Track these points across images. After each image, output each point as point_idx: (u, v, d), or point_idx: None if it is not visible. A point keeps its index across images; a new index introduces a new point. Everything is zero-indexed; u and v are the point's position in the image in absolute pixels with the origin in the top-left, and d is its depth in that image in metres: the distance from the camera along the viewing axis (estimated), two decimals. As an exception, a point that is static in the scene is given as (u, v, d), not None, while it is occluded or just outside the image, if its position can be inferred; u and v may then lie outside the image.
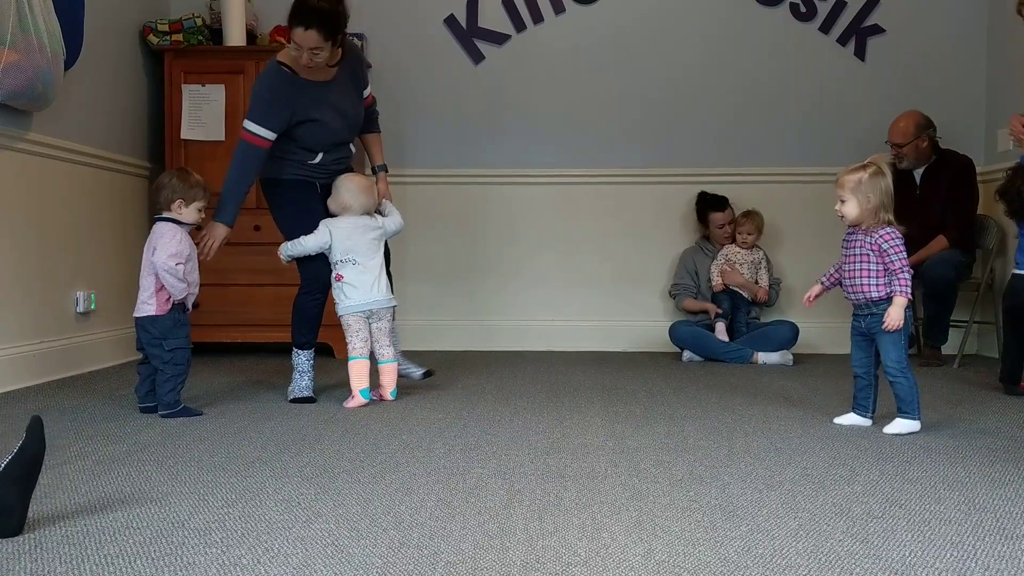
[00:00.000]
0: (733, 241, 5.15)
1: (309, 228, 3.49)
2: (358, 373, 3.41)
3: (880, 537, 1.83)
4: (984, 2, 5.33)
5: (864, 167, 3.00)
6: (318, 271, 3.53)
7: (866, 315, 3.02)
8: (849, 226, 3.06)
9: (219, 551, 1.74)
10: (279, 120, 3.44)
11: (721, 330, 4.91)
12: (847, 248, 3.06)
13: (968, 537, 1.84)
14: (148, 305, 3.19)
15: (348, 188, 3.53)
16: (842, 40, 5.39)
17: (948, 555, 1.73)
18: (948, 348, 4.79)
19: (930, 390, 3.81)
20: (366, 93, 3.75)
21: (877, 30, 5.37)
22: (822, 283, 3.17)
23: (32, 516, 1.91)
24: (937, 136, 4.90)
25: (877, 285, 2.98)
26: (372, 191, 3.61)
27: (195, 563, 1.67)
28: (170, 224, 3.21)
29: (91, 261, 4.48)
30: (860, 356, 3.07)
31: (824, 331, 5.18)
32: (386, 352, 3.53)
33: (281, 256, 3.54)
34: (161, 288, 3.16)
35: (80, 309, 4.35)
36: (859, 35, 5.38)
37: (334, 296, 3.50)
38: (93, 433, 2.90)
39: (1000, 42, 5.20)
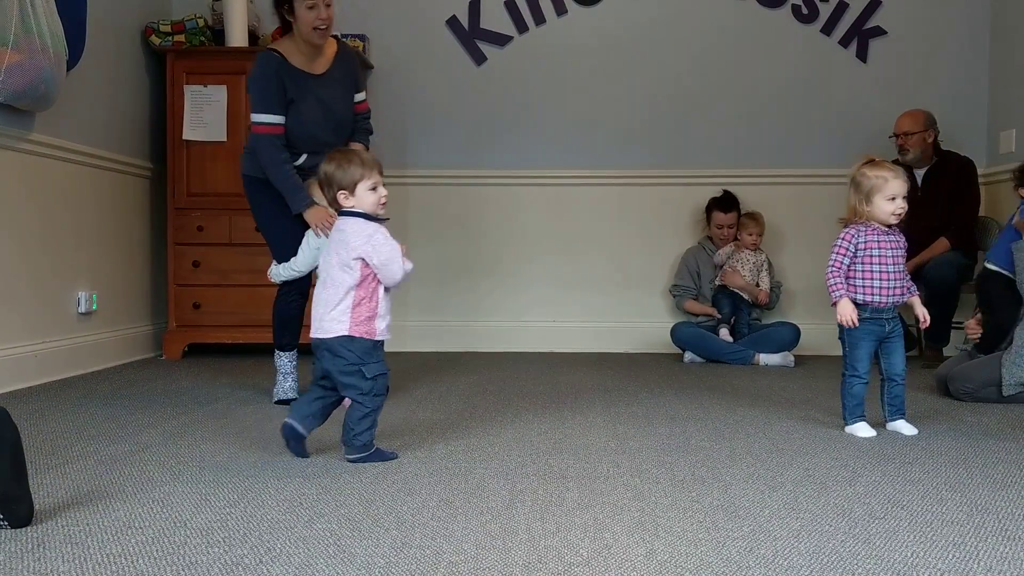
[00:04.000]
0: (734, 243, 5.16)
1: (285, 230, 3.45)
2: None
3: (882, 538, 1.84)
4: (986, 4, 5.33)
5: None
6: None
7: (889, 318, 2.93)
8: (869, 226, 2.87)
9: (221, 551, 1.74)
10: (279, 100, 3.41)
11: (725, 334, 4.92)
12: (881, 248, 2.86)
13: (970, 538, 1.84)
14: (340, 324, 2.50)
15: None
16: (844, 42, 5.39)
17: (950, 556, 1.73)
18: (949, 350, 4.79)
19: (932, 392, 3.81)
20: (360, 97, 3.69)
21: (879, 32, 5.37)
22: (846, 295, 2.87)
23: (35, 515, 1.91)
24: (939, 138, 4.91)
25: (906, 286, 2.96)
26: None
27: (197, 562, 1.68)
28: (357, 220, 2.54)
29: (93, 261, 4.48)
30: (868, 361, 2.92)
31: (826, 333, 5.14)
32: None
33: (272, 279, 3.48)
34: (360, 303, 2.50)
35: (82, 309, 4.35)
36: (861, 37, 5.38)
37: None
38: (95, 433, 2.90)
39: (1002, 43, 5.20)
